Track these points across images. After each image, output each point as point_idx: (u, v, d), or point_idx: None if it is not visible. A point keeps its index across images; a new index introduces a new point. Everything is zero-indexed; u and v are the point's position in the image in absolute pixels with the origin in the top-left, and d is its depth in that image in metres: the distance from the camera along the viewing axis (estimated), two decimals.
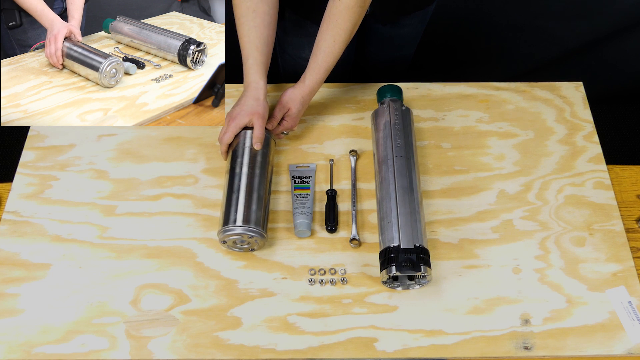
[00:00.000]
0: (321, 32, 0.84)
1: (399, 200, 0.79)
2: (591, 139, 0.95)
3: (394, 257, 0.74)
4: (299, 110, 0.89)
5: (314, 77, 0.87)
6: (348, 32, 0.83)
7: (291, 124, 0.91)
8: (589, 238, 0.84)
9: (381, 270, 0.76)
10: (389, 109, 0.89)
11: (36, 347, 0.75)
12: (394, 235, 0.76)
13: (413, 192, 0.80)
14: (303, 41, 1.05)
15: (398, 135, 0.86)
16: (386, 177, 0.82)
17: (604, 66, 1.60)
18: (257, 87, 0.86)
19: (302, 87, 0.88)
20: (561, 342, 0.75)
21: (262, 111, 0.85)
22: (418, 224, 0.78)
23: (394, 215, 0.78)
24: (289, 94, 0.88)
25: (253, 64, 0.86)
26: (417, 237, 0.76)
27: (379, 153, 0.86)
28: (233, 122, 0.85)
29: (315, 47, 0.86)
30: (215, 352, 0.74)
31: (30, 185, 0.89)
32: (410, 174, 0.82)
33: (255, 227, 0.78)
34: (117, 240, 0.84)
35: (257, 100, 0.85)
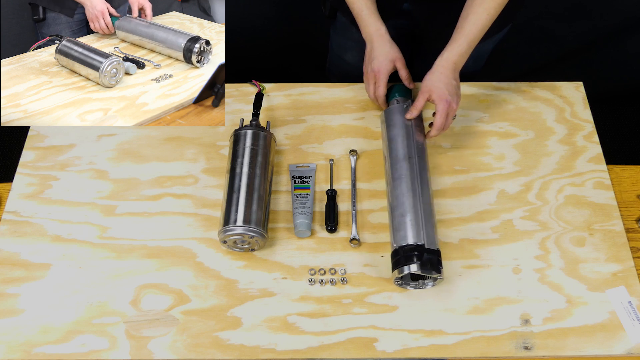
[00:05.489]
0: (469, 3, 0.84)
1: (422, 199, 0.79)
2: (591, 139, 0.95)
3: (417, 256, 0.74)
4: (443, 92, 0.83)
5: (455, 49, 0.84)
6: (500, 3, 0.82)
7: (440, 118, 0.84)
8: (589, 238, 0.84)
9: (398, 266, 0.74)
10: (407, 108, 0.89)
11: (36, 347, 0.75)
12: (418, 234, 0.75)
13: (430, 193, 0.81)
14: (348, 44, 1.08)
15: (418, 133, 0.86)
16: (406, 175, 0.81)
17: (604, 66, 1.60)
18: (382, 33, 0.88)
19: (441, 62, 0.84)
20: (561, 342, 0.75)
21: (399, 54, 0.88)
22: (434, 226, 0.78)
23: (416, 214, 0.77)
24: (425, 80, 0.85)
25: (369, 14, 0.88)
26: (436, 240, 0.77)
27: (398, 150, 0.84)
28: (380, 74, 0.87)
29: (461, 19, 0.84)
30: (215, 352, 0.74)
31: (30, 185, 0.89)
32: (427, 174, 0.83)
33: (255, 227, 0.78)
34: (117, 240, 0.84)
35: (390, 44, 0.87)
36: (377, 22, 0.89)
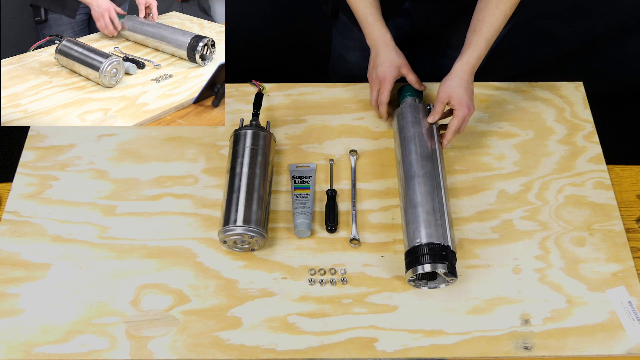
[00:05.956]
0: (481, 5, 0.83)
1: (445, 199, 0.79)
2: (591, 139, 0.95)
3: (444, 256, 0.73)
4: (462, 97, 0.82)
5: (475, 53, 0.83)
6: (514, 3, 0.82)
7: (457, 122, 0.84)
8: (589, 238, 0.84)
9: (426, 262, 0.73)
10: (423, 106, 0.89)
11: (36, 347, 0.75)
12: (446, 234, 0.75)
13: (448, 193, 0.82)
14: (349, 44, 1.08)
15: (438, 133, 0.87)
16: (432, 172, 0.81)
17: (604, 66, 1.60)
18: (387, 39, 0.88)
19: (461, 67, 0.83)
20: (561, 342, 0.75)
21: (404, 60, 0.88)
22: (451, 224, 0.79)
23: (445, 214, 0.77)
24: (444, 85, 0.84)
25: (374, 20, 0.88)
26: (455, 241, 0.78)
27: (421, 147, 0.83)
28: (385, 81, 0.87)
29: (474, 21, 0.83)
30: (215, 352, 0.74)
31: (30, 185, 0.89)
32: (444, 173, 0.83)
33: (255, 227, 0.78)
34: (117, 240, 0.84)
35: (395, 51, 0.87)
36: (382, 29, 0.89)
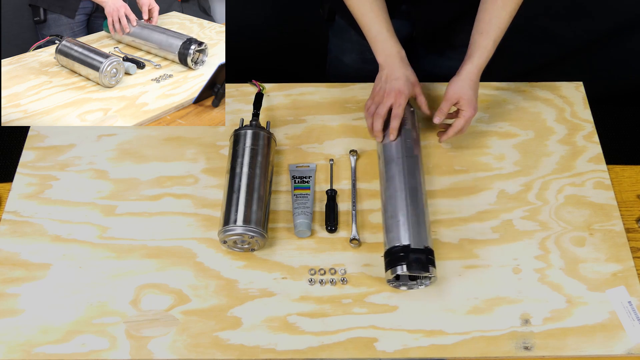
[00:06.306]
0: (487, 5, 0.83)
1: (409, 200, 0.79)
2: (591, 139, 0.95)
3: (403, 257, 0.74)
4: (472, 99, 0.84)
5: (484, 54, 0.83)
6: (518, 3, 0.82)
7: (462, 122, 0.85)
8: (589, 238, 0.84)
9: (388, 268, 0.76)
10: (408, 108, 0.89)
11: (36, 347, 0.75)
12: (404, 234, 0.76)
13: (421, 192, 0.81)
14: (346, 46, 1.08)
15: (407, 135, 0.86)
16: (395, 176, 0.82)
17: (604, 66, 1.60)
18: (403, 56, 0.87)
19: (471, 68, 0.84)
20: (561, 342, 0.75)
21: (417, 79, 0.88)
22: (426, 224, 0.78)
23: (404, 215, 0.77)
24: (455, 86, 0.84)
25: (390, 36, 0.87)
26: (425, 238, 0.76)
27: (388, 152, 0.85)
28: (402, 95, 0.85)
29: (481, 23, 0.83)
30: (215, 352, 0.74)
31: (30, 185, 0.89)
32: (418, 174, 0.82)
33: (255, 227, 0.78)
34: (117, 240, 0.84)
35: (411, 69, 0.87)
36: (398, 44, 0.88)
